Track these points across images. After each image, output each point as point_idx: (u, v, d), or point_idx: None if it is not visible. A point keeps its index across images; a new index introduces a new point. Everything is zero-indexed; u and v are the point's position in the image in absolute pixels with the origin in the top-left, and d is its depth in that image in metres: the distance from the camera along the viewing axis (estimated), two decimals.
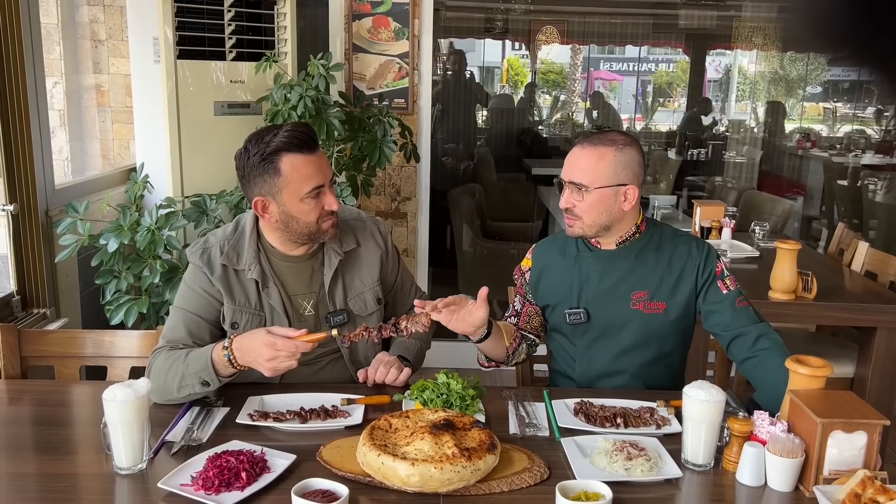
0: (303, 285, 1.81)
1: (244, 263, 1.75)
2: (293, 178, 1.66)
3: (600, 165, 1.73)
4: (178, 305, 1.77)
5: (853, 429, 1.32)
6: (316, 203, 1.69)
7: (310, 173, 1.67)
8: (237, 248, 1.77)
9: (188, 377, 1.59)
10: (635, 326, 1.81)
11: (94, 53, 3.42)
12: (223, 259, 1.75)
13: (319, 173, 1.68)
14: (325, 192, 1.70)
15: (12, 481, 1.36)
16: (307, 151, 1.67)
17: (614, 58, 8.17)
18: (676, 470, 1.39)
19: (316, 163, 1.68)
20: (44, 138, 2.55)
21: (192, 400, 1.64)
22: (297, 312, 1.80)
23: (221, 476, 1.29)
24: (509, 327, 1.91)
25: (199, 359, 1.60)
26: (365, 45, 3.53)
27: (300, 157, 1.66)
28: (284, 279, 1.79)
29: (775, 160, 6.20)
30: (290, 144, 1.66)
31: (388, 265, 1.93)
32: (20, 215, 2.50)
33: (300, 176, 1.66)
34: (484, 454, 1.33)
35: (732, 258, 3.06)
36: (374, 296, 1.88)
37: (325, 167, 1.71)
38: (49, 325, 2.52)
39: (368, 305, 1.86)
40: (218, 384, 1.60)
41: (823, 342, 3.12)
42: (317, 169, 1.68)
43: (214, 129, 3.03)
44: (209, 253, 1.77)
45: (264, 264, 1.77)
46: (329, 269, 1.81)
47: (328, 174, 1.71)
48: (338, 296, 1.83)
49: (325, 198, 1.70)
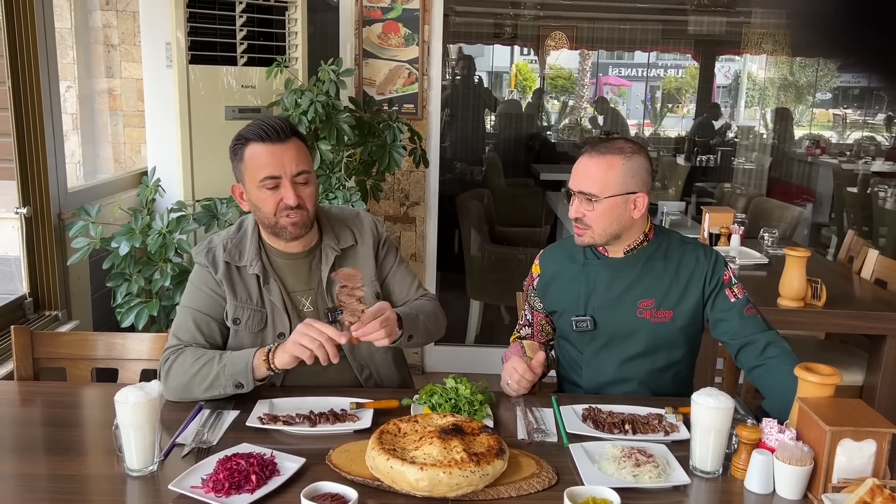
0: (301, 282, 1.84)
1: (246, 260, 1.79)
2: (251, 164, 1.72)
3: (609, 174, 1.73)
4: (186, 305, 1.80)
5: (862, 437, 1.31)
6: (272, 194, 1.71)
7: (265, 162, 1.70)
8: (239, 247, 1.81)
9: (223, 378, 1.63)
10: (642, 335, 1.81)
11: (106, 58, 3.45)
12: (226, 256, 1.79)
13: (277, 164, 1.70)
14: (283, 185, 1.71)
15: (24, 482, 1.37)
16: (269, 141, 1.70)
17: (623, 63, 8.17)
18: (685, 477, 1.39)
19: (276, 153, 1.70)
20: (57, 142, 2.57)
21: (203, 402, 1.65)
22: (297, 309, 1.82)
23: (231, 479, 1.30)
24: (534, 345, 1.92)
25: (239, 361, 1.64)
26: (375, 50, 3.55)
27: (260, 145, 1.71)
28: (284, 276, 1.82)
29: (785, 167, 6.18)
30: (253, 133, 1.72)
31: (381, 255, 1.93)
32: (33, 218, 2.52)
33: (256, 163, 1.71)
34: (492, 459, 1.33)
35: (741, 265, 3.06)
36: (373, 290, 1.89)
37: (287, 160, 1.70)
38: (61, 328, 2.54)
39: (367, 301, 1.87)
40: (252, 387, 1.64)
41: (833, 350, 3.11)
42: (274, 159, 1.70)
43: (225, 133, 3.02)
44: (213, 252, 1.81)
45: (265, 260, 1.81)
46: (326, 266, 1.83)
47: (290, 168, 1.70)
48: (335, 292, 1.84)
49: (282, 190, 1.71)
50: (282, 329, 1.80)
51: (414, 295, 1.96)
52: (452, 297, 4.39)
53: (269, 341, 1.80)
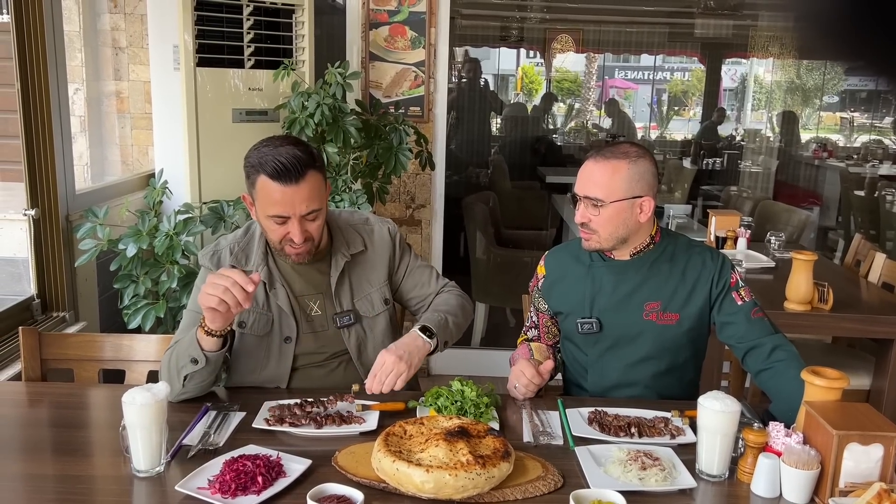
0: (309, 286, 1.84)
1: (252, 265, 1.79)
2: (261, 195, 1.70)
3: (615, 179, 1.73)
4: (191, 308, 1.81)
5: (869, 441, 1.31)
6: (281, 227, 1.70)
7: (276, 201, 1.67)
8: (246, 250, 1.82)
9: (181, 357, 1.65)
10: (648, 337, 1.81)
11: (114, 60, 3.47)
12: (232, 260, 1.79)
13: (287, 205, 1.67)
14: (291, 223, 1.69)
15: (32, 482, 1.37)
16: (282, 182, 1.65)
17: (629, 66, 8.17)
18: (691, 480, 1.39)
19: (288, 194, 1.66)
20: (65, 144, 2.58)
21: (209, 403, 1.65)
22: (304, 312, 1.83)
23: (238, 480, 1.30)
24: (542, 347, 1.92)
25: (190, 336, 1.66)
26: (381, 53, 3.56)
27: (272, 184, 1.66)
28: (291, 280, 1.82)
29: (791, 170, 6.17)
30: (266, 168, 1.66)
31: (396, 261, 1.93)
32: (41, 220, 2.53)
33: (266, 199, 1.69)
34: (498, 462, 1.33)
35: (748, 268, 3.05)
36: (382, 296, 1.89)
37: (298, 201, 1.67)
38: (68, 329, 2.55)
39: (375, 306, 1.88)
40: (205, 360, 1.63)
41: (839, 353, 3.10)
42: (284, 198, 1.66)
43: (232, 135, 3.06)
44: (219, 255, 1.81)
45: (271, 265, 1.81)
46: (335, 271, 1.83)
47: (299, 209, 1.67)
48: (344, 296, 1.85)
49: (289, 227, 1.69)
50: (288, 333, 1.80)
51: (435, 288, 1.96)
52: None
53: (274, 345, 1.80)
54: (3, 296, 2.60)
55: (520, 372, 1.75)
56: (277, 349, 1.81)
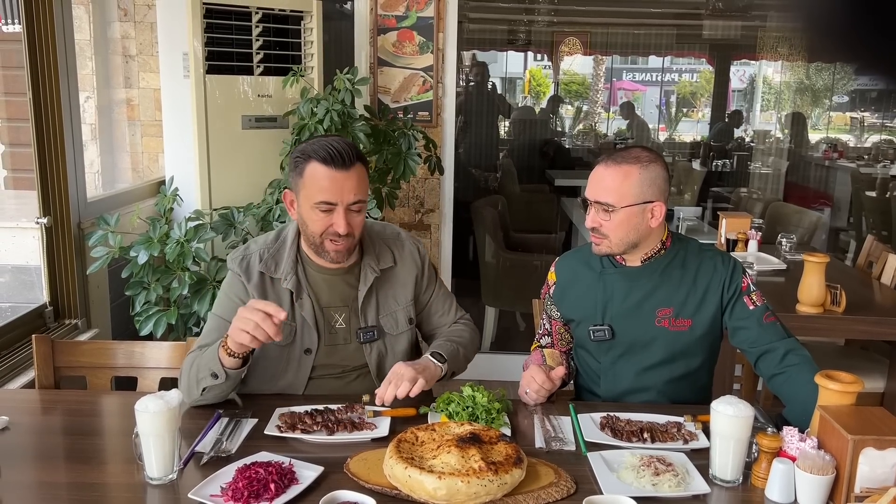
0: (336, 298, 1.82)
1: (281, 272, 1.78)
2: (309, 183, 1.70)
3: (626, 184, 1.72)
4: (215, 312, 1.81)
5: (885, 446, 1.30)
6: (324, 217, 1.70)
7: (325, 187, 1.68)
8: (276, 257, 1.80)
9: (202, 370, 1.64)
10: (661, 344, 1.80)
11: (125, 68, 3.49)
12: (261, 266, 1.78)
13: (336, 191, 1.68)
14: (336, 212, 1.69)
15: (45, 490, 1.38)
16: (332, 166, 1.68)
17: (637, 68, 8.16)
18: (704, 486, 1.38)
19: (337, 180, 1.68)
20: (77, 152, 2.60)
21: (221, 410, 1.65)
22: (329, 325, 1.81)
23: (251, 487, 1.30)
24: (555, 353, 1.91)
25: (212, 351, 1.65)
26: (390, 58, 3.57)
27: (322, 167, 1.68)
28: (318, 290, 1.81)
29: (802, 171, 6.14)
30: (317, 152, 1.69)
31: (423, 284, 1.93)
32: (53, 228, 2.55)
33: (315, 185, 1.69)
34: (510, 468, 1.33)
35: (759, 271, 3.03)
36: (406, 315, 1.88)
37: (347, 188, 1.68)
38: (80, 336, 2.56)
39: (400, 325, 1.87)
40: (225, 376, 1.62)
41: (853, 356, 3.08)
42: (334, 185, 1.68)
43: (242, 142, 3.08)
44: (248, 260, 1.80)
45: (300, 275, 1.79)
46: (364, 286, 1.82)
47: (347, 197, 1.69)
48: (370, 312, 1.84)
49: (334, 216, 1.69)
50: (309, 345, 1.79)
51: (453, 318, 1.97)
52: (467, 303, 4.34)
53: (294, 356, 1.79)
54: (16, 303, 2.62)
55: (531, 377, 1.74)
56: (297, 360, 1.80)
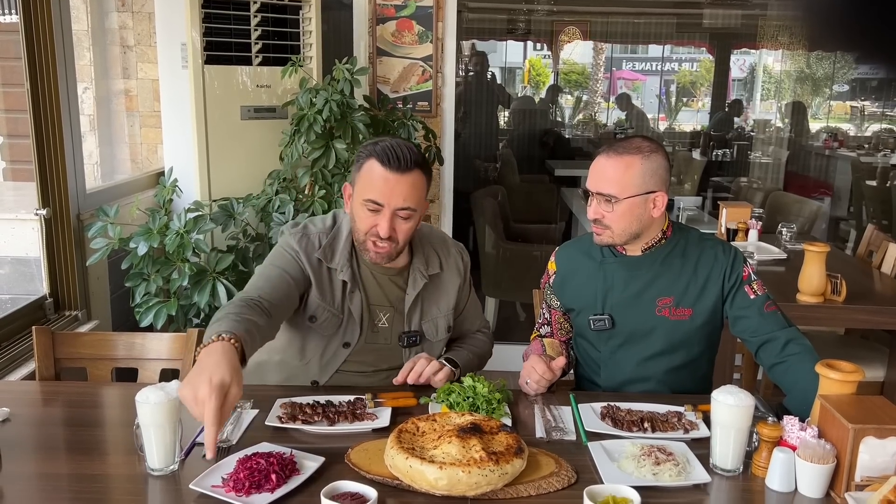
0: (384, 297, 1.84)
1: (337, 263, 1.79)
2: (364, 179, 1.72)
3: (628, 175, 1.71)
4: (267, 264, 1.78)
5: (886, 435, 1.30)
6: (371, 216, 1.70)
7: (376, 186, 1.69)
8: (332, 246, 1.80)
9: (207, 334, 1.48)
10: (661, 333, 1.80)
11: (123, 59, 3.48)
12: (320, 254, 1.78)
13: (385, 193, 1.68)
14: (382, 214, 1.69)
15: (47, 481, 1.38)
16: (388, 167, 1.68)
17: (637, 57, 8.12)
18: (705, 475, 1.38)
19: (390, 182, 1.68)
20: (75, 143, 2.59)
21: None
22: (373, 322, 1.83)
23: (252, 478, 1.31)
24: (554, 343, 1.91)
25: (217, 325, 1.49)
26: (389, 48, 3.55)
27: (378, 166, 1.69)
28: (368, 287, 1.82)
29: (802, 160, 6.12)
30: (378, 151, 1.70)
31: (463, 293, 1.95)
32: (52, 219, 2.54)
33: (368, 182, 1.70)
34: (511, 458, 1.33)
35: (759, 260, 3.03)
36: (447, 323, 1.90)
37: (397, 192, 1.68)
38: (80, 328, 2.56)
39: (440, 332, 1.89)
40: None
41: (853, 345, 3.08)
42: (385, 186, 1.68)
43: (241, 133, 3.07)
44: (308, 240, 1.79)
45: (354, 268, 1.80)
46: (413, 290, 1.84)
47: (395, 202, 1.69)
48: (414, 317, 1.86)
49: (379, 218, 1.70)
50: (349, 339, 1.80)
51: (476, 327, 2.01)
52: None
53: (332, 347, 1.80)
54: (16, 295, 2.62)
55: (531, 368, 1.74)
56: (333, 351, 1.81)
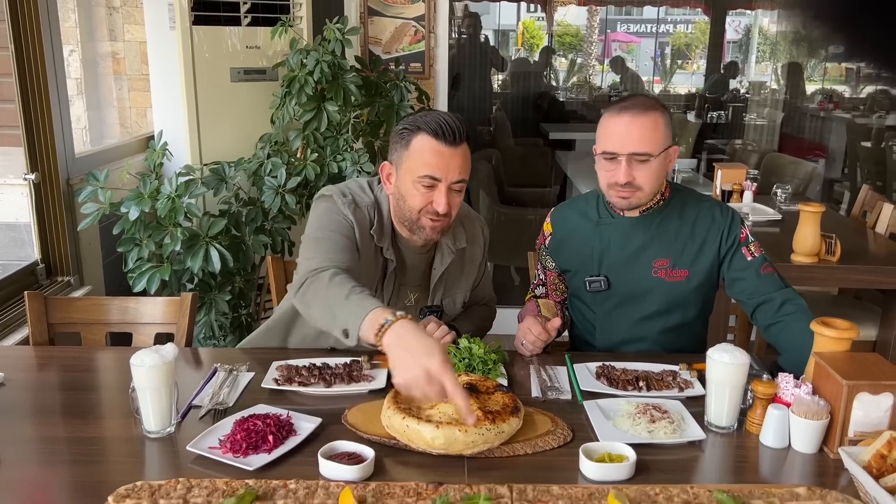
0: (413, 278, 1.83)
1: (385, 241, 1.76)
2: (415, 156, 1.65)
3: (657, 132, 1.69)
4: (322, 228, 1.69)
5: (879, 391, 1.31)
6: (425, 193, 1.66)
7: (431, 161, 1.64)
8: (381, 223, 1.76)
9: (338, 318, 1.45)
10: (657, 294, 1.80)
11: (108, 20, 3.40)
12: (374, 230, 1.74)
13: (442, 167, 1.64)
14: (438, 189, 1.65)
15: (45, 445, 1.38)
16: (442, 141, 1.63)
17: (632, 19, 8.02)
18: (700, 432, 1.39)
19: (445, 156, 1.63)
20: (63, 107, 2.55)
21: (218, 365, 1.65)
22: (401, 301, 1.82)
23: (249, 439, 1.31)
24: (549, 303, 1.91)
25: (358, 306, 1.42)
26: (380, 8, 3.49)
27: (432, 141, 1.64)
28: (400, 269, 1.81)
29: (797, 122, 6.09)
30: (429, 127, 1.64)
31: (483, 266, 1.95)
32: (41, 184, 2.51)
33: (421, 158, 1.65)
34: (508, 417, 1.34)
35: (754, 221, 3.03)
36: (463, 299, 1.91)
37: (453, 166, 1.64)
38: (73, 293, 2.55)
39: (456, 307, 1.90)
40: (354, 343, 1.43)
41: (846, 305, 3.10)
42: (441, 161, 1.63)
43: (231, 95, 3.02)
44: (356, 208, 1.72)
45: (395, 248, 1.79)
46: (441, 266, 1.82)
47: (452, 175, 1.64)
48: (438, 292, 1.85)
49: (435, 194, 1.65)
50: None
51: (485, 299, 2.03)
52: None
53: None
54: (7, 261, 2.60)
55: (527, 329, 1.74)
56: None
